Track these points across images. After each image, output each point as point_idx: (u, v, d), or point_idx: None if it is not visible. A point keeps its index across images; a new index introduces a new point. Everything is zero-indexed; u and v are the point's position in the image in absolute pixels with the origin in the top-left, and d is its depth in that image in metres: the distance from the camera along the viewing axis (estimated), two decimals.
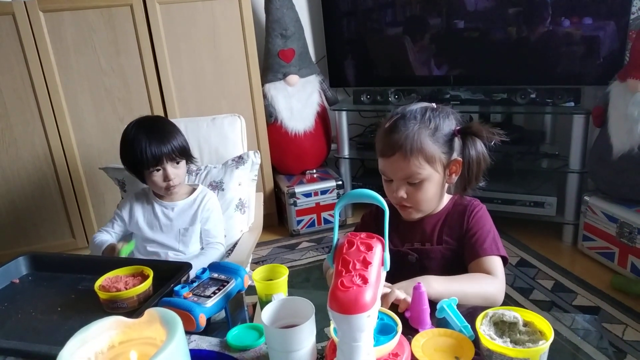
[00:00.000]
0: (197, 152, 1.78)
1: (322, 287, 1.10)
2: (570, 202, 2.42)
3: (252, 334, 0.90)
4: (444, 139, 1.06)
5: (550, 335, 0.75)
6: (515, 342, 0.77)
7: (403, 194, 1.08)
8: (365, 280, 0.66)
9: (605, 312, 1.94)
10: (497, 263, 1.08)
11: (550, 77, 2.49)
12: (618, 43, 2.26)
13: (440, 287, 0.96)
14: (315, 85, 2.85)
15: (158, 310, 0.65)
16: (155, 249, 1.52)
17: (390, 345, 0.77)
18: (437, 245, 1.14)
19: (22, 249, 2.14)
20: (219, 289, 0.97)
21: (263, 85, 2.71)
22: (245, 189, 1.76)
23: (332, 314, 0.66)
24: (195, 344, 0.90)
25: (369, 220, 1.24)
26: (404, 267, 1.11)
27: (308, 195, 2.77)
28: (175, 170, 1.48)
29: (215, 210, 1.57)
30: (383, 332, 0.80)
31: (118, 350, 0.66)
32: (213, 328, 0.97)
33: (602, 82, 2.24)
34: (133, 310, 0.99)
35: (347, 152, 2.91)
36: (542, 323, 0.79)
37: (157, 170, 1.46)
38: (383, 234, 0.74)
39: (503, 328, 0.81)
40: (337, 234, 0.75)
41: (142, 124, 1.50)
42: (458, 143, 1.08)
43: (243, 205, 1.74)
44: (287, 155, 2.88)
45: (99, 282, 1.04)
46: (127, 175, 1.66)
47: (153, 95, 2.47)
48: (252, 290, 1.03)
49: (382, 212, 0.73)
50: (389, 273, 0.75)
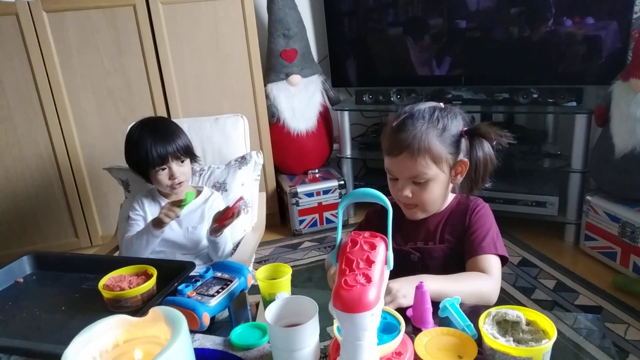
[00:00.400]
0: (200, 151, 1.79)
1: (324, 286, 1.10)
2: (572, 201, 2.42)
3: (255, 333, 0.90)
4: (451, 140, 1.06)
5: (553, 335, 0.75)
6: (518, 341, 0.77)
7: (408, 193, 1.08)
8: (369, 279, 0.66)
9: (608, 311, 1.94)
10: (493, 262, 1.08)
11: (553, 76, 2.49)
12: (620, 42, 2.26)
13: (435, 286, 0.96)
14: (318, 85, 2.85)
15: (162, 309, 0.66)
16: (163, 248, 1.53)
17: (394, 344, 0.77)
18: (439, 244, 1.14)
19: (25, 249, 2.15)
20: (223, 288, 0.97)
21: (265, 85, 2.72)
22: (248, 189, 1.77)
23: (335, 313, 0.66)
24: (199, 343, 0.91)
25: (373, 218, 1.24)
26: (406, 266, 1.11)
27: (310, 195, 2.77)
28: (181, 169, 1.50)
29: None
30: (386, 331, 0.80)
31: (123, 349, 0.66)
32: (217, 327, 0.97)
33: (604, 81, 2.24)
34: (137, 309, 0.99)
35: (349, 152, 2.91)
36: (545, 322, 0.79)
37: (162, 170, 1.48)
38: (386, 233, 0.74)
39: (506, 327, 0.81)
40: (340, 233, 0.75)
41: (146, 125, 1.52)
42: (465, 144, 1.08)
43: (246, 205, 1.75)
44: (289, 155, 2.88)
45: (103, 281, 1.04)
46: (131, 175, 1.67)
47: (156, 96, 2.47)
48: (255, 289, 1.04)
49: (386, 211, 0.73)
50: (392, 272, 0.75)
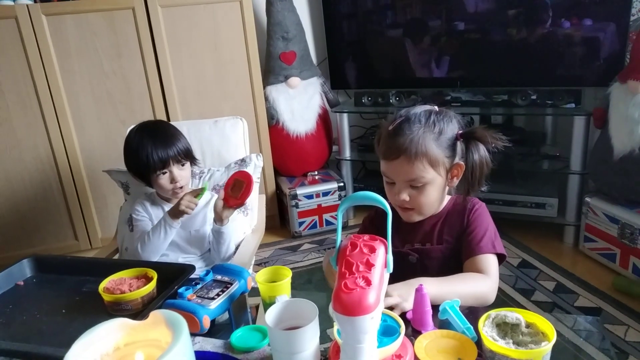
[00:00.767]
0: (199, 154, 1.79)
1: (324, 288, 1.10)
2: (572, 203, 2.42)
3: (255, 336, 0.90)
4: (448, 143, 1.06)
5: (553, 337, 0.76)
6: (518, 343, 0.78)
7: (406, 197, 1.08)
8: (369, 282, 0.66)
9: (607, 313, 1.94)
10: (491, 261, 1.08)
11: (551, 78, 2.49)
12: (618, 44, 2.26)
13: (433, 288, 0.95)
14: (317, 88, 2.85)
15: (163, 313, 0.66)
16: (165, 251, 1.53)
17: (394, 347, 0.77)
18: (437, 245, 1.14)
19: (25, 252, 2.15)
20: (223, 291, 0.97)
21: (264, 88, 2.72)
22: None
23: (335, 316, 0.66)
24: (199, 346, 0.91)
25: (368, 225, 1.24)
26: (405, 267, 1.11)
27: (310, 197, 2.77)
28: (181, 172, 1.50)
29: None
30: (386, 333, 0.80)
31: (123, 352, 0.66)
32: (217, 330, 0.97)
33: (602, 83, 2.24)
34: (137, 312, 0.99)
35: (348, 153, 2.92)
36: (544, 324, 0.79)
37: (163, 174, 1.48)
38: (384, 236, 0.74)
39: (505, 329, 0.81)
40: (340, 236, 0.75)
41: (145, 129, 1.52)
42: (460, 147, 1.08)
43: (246, 208, 1.75)
44: (288, 157, 2.88)
45: (103, 284, 1.04)
46: (130, 178, 1.67)
47: (155, 98, 2.47)
48: (255, 292, 1.04)
49: (380, 214, 0.74)
50: (391, 274, 0.75)
